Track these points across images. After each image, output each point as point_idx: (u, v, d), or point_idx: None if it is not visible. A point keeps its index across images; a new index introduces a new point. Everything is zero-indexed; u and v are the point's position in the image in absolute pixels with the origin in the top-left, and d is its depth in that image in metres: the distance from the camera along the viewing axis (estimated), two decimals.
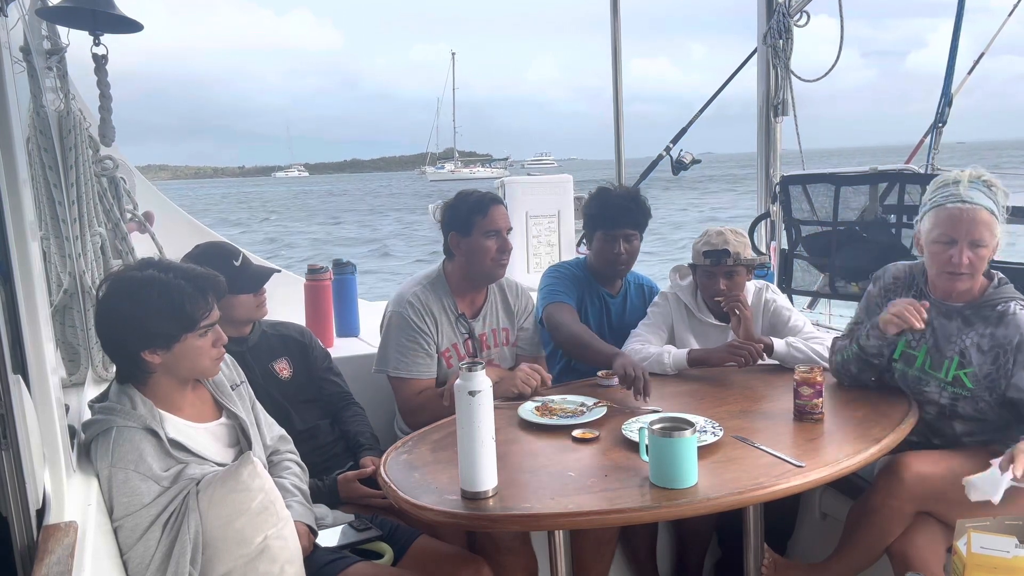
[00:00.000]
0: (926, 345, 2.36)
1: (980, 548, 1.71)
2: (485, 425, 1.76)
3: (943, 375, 2.32)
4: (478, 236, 2.70)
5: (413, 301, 2.70)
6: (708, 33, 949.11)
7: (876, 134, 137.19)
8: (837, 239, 3.55)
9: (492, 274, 2.78)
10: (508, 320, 2.90)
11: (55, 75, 2.41)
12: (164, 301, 1.82)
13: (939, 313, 2.35)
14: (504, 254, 2.73)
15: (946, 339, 2.32)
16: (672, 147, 4.29)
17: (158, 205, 3.59)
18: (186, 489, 1.77)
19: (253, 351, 2.52)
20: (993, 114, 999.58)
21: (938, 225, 2.24)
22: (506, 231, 2.74)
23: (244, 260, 2.49)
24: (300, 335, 2.70)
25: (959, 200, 2.22)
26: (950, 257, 2.22)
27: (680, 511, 1.84)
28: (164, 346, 1.84)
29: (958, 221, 2.20)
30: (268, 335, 2.61)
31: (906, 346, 2.39)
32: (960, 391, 2.29)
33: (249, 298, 2.47)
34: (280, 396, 2.50)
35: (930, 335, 2.35)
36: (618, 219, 3.00)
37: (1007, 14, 3.56)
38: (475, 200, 2.74)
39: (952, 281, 2.27)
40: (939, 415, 2.35)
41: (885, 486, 2.19)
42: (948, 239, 2.22)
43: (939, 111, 3.60)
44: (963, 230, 2.20)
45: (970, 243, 2.21)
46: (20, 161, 1.59)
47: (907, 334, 2.34)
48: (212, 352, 1.93)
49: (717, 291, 2.81)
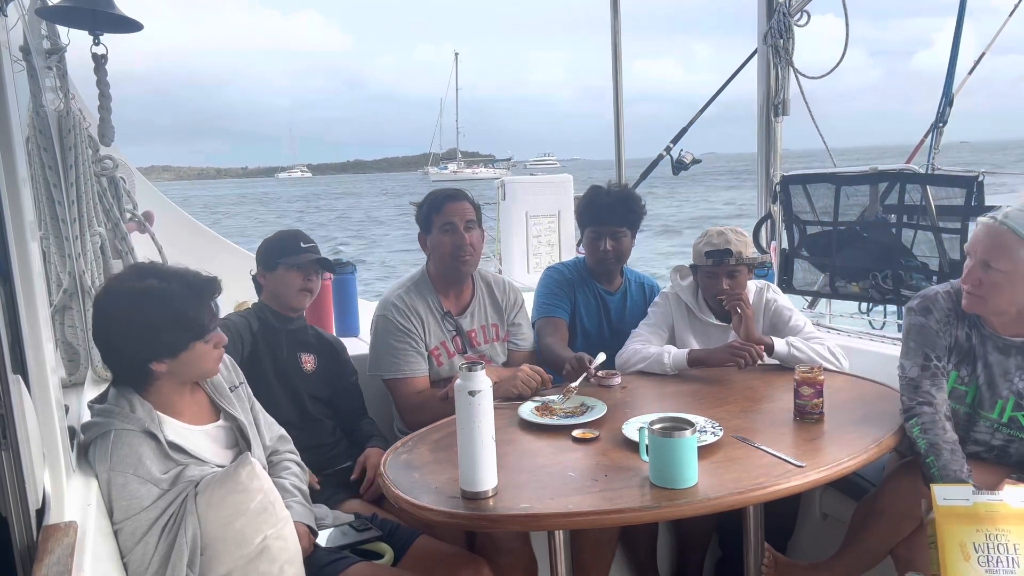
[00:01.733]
0: (977, 382, 2.19)
1: (943, 500, 1.85)
2: (485, 425, 1.76)
3: (996, 415, 2.17)
4: (436, 232, 2.75)
5: (397, 303, 2.73)
6: (715, 33, 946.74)
7: (885, 133, 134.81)
8: (837, 239, 3.55)
9: (456, 269, 2.78)
10: (497, 316, 2.91)
11: (55, 75, 2.41)
12: (171, 311, 1.82)
13: (995, 348, 2.16)
14: (461, 248, 2.72)
15: (1003, 376, 2.15)
16: (672, 147, 4.29)
17: (158, 205, 3.59)
18: (184, 492, 1.77)
19: (290, 335, 2.66)
20: (998, 114, 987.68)
21: (971, 237, 2.15)
22: (463, 224, 2.73)
23: (312, 248, 2.66)
24: (336, 344, 2.84)
25: (990, 217, 2.08)
26: (967, 271, 2.11)
27: (680, 511, 1.83)
28: (171, 355, 1.85)
29: (978, 235, 2.10)
30: (308, 331, 2.75)
31: (956, 382, 2.22)
32: (1016, 433, 2.16)
33: (295, 277, 2.60)
34: (298, 382, 2.61)
35: (983, 370, 2.18)
36: (604, 217, 3.02)
37: (1008, 14, 3.56)
38: (433, 197, 2.81)
39: (967, 301, 2.12)
40: (986, 453, 2.22)
41: (896, 487, 2.18)
42: (970, 252, 2.11)
43: (940, 111, 3.60)
44: (978, 246, 2.07)
45: (982, 262, 2.05)
46: (20, 161, 1.59)
47: (962, 368, 2.18)
48: (214, 354, 1.94)
49: (719, 291, 2.81)
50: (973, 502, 1.84)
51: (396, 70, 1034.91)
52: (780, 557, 2.39)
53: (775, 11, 3.76)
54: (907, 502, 2.14)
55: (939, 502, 1.85)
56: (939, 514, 1.84)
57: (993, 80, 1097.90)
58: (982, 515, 1.82)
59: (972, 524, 1.83)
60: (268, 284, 2.65)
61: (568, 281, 3.08)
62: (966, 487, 1.87)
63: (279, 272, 2.61)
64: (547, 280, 3.11)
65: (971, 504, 1.84)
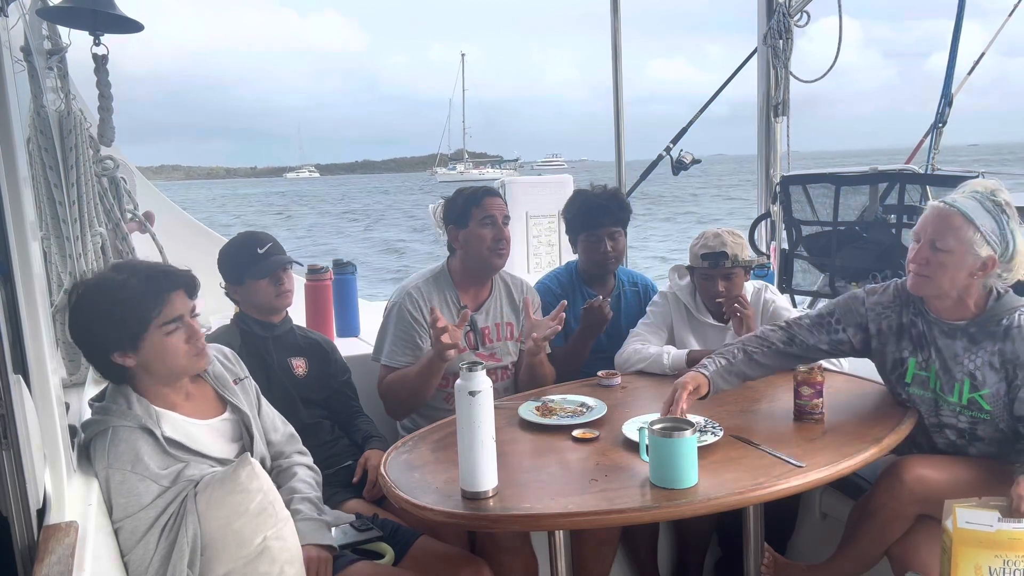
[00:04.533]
0: (934, 368, 2.22)
1: (965, 523, 1.80)
2: (485, 425, 1.76)
3: (956, 399, 2.19)
4: (474, 226, 2.75)
5: (413, 293, 2.77)
6: (729, 33, 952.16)
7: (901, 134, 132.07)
8: (837, 239, 3.55)
9: (490, 263, 2.80)
10: (512, 314, 2.92)
11: (55, 75, 2.41)
12: (114, 303, 1.82)
13: (941, 333, 2.21)
14: (500, 242, 2.76)
15: (953, 360, 2.19)
16: (672, 147, 4.29)
17: (158, 205, 3.59)
18: (184, 491, 1.77)
19: (276, 341, 2.64)
20: (1011, 115, 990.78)
21: (918, 221, 2.20)
22: (502, 219, 2.77)
23: (269, 249, 2.60)
24: (324, 343, 2.81)
25: (940, 201, 2.14)
26: (912, 253, 2.16)
27: (680, 511, 1.84)
28: (129, 347, 1.83)
29: (927, 217, 2.15)
30: (295, 333, 2.73)
31: (916, 368, 2.25)
32: (978, 415, 2.17)
33: (266, 285, 2.57)
34: (292, 388, 2.59)
35: (936, 356, 2.22)
36: (599, 219, 3.03)
37: (1007, 14, 3.56)
38: (471, 192, 2.83)
39: (912, 282, 2.17)
40: (958, 439, 2.24)
41: (887, 487, 2.18)
42: (916, 236, 2.17)
43: (939, 112, 3.62)
44: (927, 226, 2.13)
45: (930, 242, 2.10)
46: (20, 161, 1.59)
47: (918, 354, 2.23)
48: (185, 348, 1.88)
49: (716, 293, 2.81)
50: (997, 529, 1.80)
51: (411, 70, 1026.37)
52: (779, 557, 2.40)
53: (775, 12, 3.77)
54: (898, 502, 2.15)
55: (960, 524, 1.81)
56: (958, 537, 1.81)
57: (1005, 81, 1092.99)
58: (1003, 542, 1.79)
59: (991, 549, 1.80)
60: (241, 296, 2.63)
61: (557, 298, 3.05)
62: (992, 512, 1.82)
63: (247, 285, 2.58)
64: (540, 294, 3.09)
65: (994, 531, 1.80)
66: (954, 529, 1.82)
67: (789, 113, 3.91)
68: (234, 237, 2.71)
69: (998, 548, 1.80)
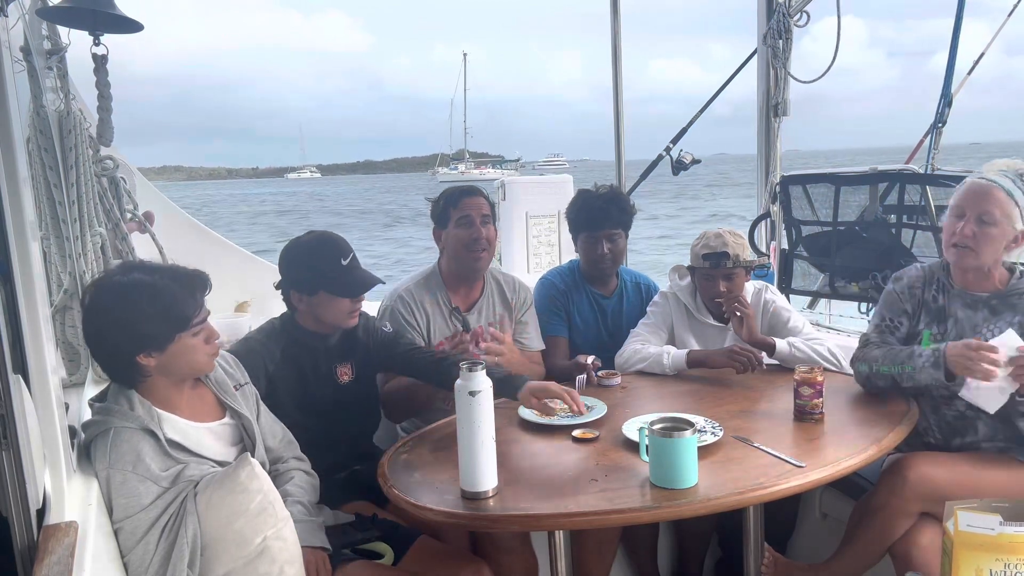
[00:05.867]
0: (950, 338, 2.28)
1: (967, 526, 1.79)
2: (485, 425, 1.76)
3: None
4: (452, 226, 2.75)
5: (404, 295, 2.76)
6: (731, 33, 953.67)
7: (904, 133, 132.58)
8: (837, 239, 3.55)
9: (470, 264, 2.77)
10: (505, 310, 2.91)
11: (55, 75, 2.41)
12: (154, 303, 1.81)
13: (964, 304, 2.31)
14: (477, 241, 2.71)
15: (972, 330, 2.27)
16: (672, 147, 4.29)
17: (158, 205, 3.59)
18: (184, 492, 1.77)
19: (328, 350, 2.45)
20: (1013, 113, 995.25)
21: (955, 199, 2.27)
22: (479, 219, 2.73)
23: (352, 261, 2.37)
24: (363, 332, 2.55)
25: (978, 177, 2.24)
26: (957, 229, 2.23)
27: (680, 511, 1.84)
28: (158, 348, 1.84)
29: (969, 194, 2.23)
30: (351, 333, 2.51)
31: (931, 340, 2.33)
32: None
33: (346, 303, 2.36)
34: (333, 396, 2.44)
35: (953, 327, 2.30)
36: (599, 220, 3.02)
37: (1007, 14, 3.56)
38: (450, 192, 2.81)
39: (957, 255, 2.25)
40: (967, 410, 2.26)
41: (889, 485, 2.19)
42: (959, 212, 2.25)
43: (939, 111, 3.61)
44: (972, 202, 2.21)
45: (977, 217, 2.20)
46: (20, 161, 1.59)
47: (935, 326, 2.33)
48: (206, 349, 1.91)
49: (716, 293, 2.82)
50: (998, 532, 1.79)
51: (414, 70, 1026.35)
52: (780, 557, 2.39)
53: (775, 12, 3.77)
54: (901, 499, 2.16)
55: (961, 527, 1.80)
56: (959, 540, 1.81)
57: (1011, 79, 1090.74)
58: (1004, 545, 1.78)
59: (992, 552, 1.79)
60: (305, 307, 2.37)
61: (561, 293, 3.07)
62: (993, 516, 1.81)
63: (321, 297, 2.34)
64: (541, 295, 3.09)
65: (995, 534, 1.79)
66: (955, 532, 1.81)
67: (789, 113, 3.91)
68: (308, 238, 2.41)
69: (999, 551, 1.78)
